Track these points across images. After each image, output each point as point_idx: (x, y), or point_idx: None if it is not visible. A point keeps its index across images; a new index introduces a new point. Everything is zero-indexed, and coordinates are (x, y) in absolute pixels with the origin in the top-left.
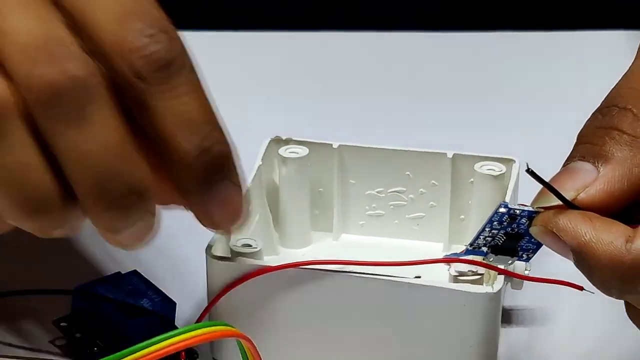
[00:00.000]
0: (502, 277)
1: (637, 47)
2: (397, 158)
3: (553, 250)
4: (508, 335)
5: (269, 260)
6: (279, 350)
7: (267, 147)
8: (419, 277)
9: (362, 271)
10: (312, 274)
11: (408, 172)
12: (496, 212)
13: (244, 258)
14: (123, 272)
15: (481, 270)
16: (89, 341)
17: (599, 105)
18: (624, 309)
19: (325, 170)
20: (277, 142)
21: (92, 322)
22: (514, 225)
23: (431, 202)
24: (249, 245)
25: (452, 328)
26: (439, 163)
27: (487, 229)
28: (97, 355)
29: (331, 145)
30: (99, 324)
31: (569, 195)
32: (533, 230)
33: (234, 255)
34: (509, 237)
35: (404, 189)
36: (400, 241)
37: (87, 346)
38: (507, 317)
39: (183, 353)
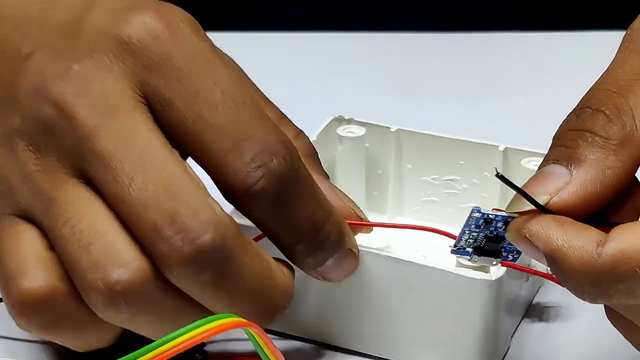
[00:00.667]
0: (504, 267)
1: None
2: (450, 147)
3: (528, 255)
4: (527, 328)
5: None
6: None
7: (327, 125)
8: (425, 256)
9: (370, 247)
10: None
11: (462, 162)
12: (470, 216)
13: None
14: None
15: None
16: None
17: (575, 106)
18: None
19: (382, 153)
20: (340, 121)
21: None
22: (492, 229)
23: (483, 194)
24: None
25: (452, 311)
26: (490, 155)
27: (466, 232)
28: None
29: (389, 128)
30: None
31: (541, 200)
32: (507, 235)
33: None
34: (489, 240)
35: (458, 178)
36: (454, 229)
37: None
38: (533, 310)
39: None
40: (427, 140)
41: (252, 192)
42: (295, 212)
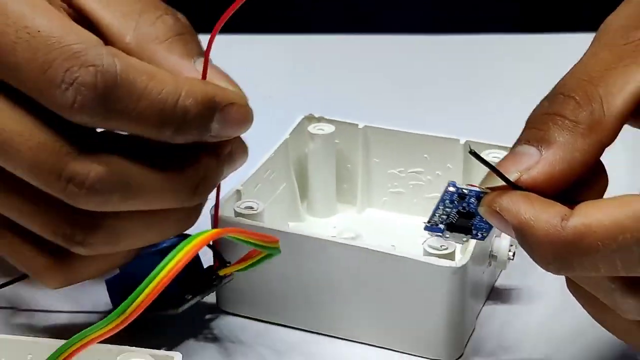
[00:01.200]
0: (469, 253)
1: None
2: (415, 141)
3: (498, 228)
4: (490, 311)
5: (294, 226)
6: (270, 305)
7: (299, 124)
8: (394, 246)
9: (340, 237)
10: (300, 237)
11: (425, 155)
12: (446, 191)
13: (245, 219)
14: None
15: (452, 247)
16: None
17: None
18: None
19: (351, 148)
20: (310, 119)
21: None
22: (465, 204)
23: None
24: (251, 208)
25: (420, 297)
26: (452, 148)
27: (440, 207)
28: None
29: (357, 125)
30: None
31: (512, 177)
32: (480, 210)
33: (237, 216)
34: (461, 216)
35: (422, 170)
36: (420, 219)
37: None
38: (495, 294)
39: (217, 261)
40: (393, 136)
41: (76, 110)
42: (134, 106)
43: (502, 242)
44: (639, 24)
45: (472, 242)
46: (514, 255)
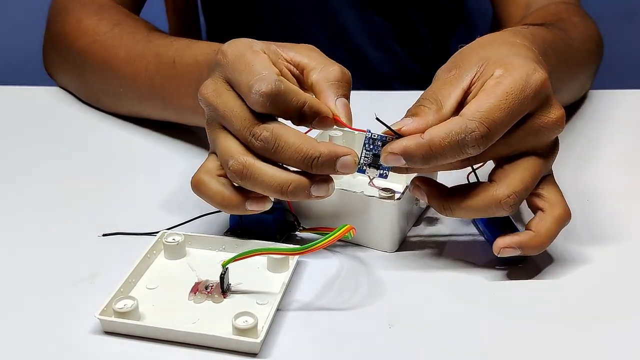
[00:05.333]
0: (401, 195)
1: None
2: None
3: (394, 163)
4: (416, 228)
5: None
6: (313, 210)
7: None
8: (362, 191)
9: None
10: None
11: None
12: (365, 137)
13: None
14: None
15: (398, 191)
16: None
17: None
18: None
19: (350, 143)
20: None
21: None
22: (374, 147)
23: None
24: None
25: (377, 217)
26: None
27: (363, 153)
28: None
29: (354, 132)
30: (252, 224)
31: (395, 128)
32: (382, 154)
33: None
34: (374, 156)
35: None
36: (378, 180)
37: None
38: (420, 221)
39: (295, 220)
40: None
41: (257, 105)
42: (286, 108)
43: None
44: (452, 67)
45: (404, 189)
46: None
